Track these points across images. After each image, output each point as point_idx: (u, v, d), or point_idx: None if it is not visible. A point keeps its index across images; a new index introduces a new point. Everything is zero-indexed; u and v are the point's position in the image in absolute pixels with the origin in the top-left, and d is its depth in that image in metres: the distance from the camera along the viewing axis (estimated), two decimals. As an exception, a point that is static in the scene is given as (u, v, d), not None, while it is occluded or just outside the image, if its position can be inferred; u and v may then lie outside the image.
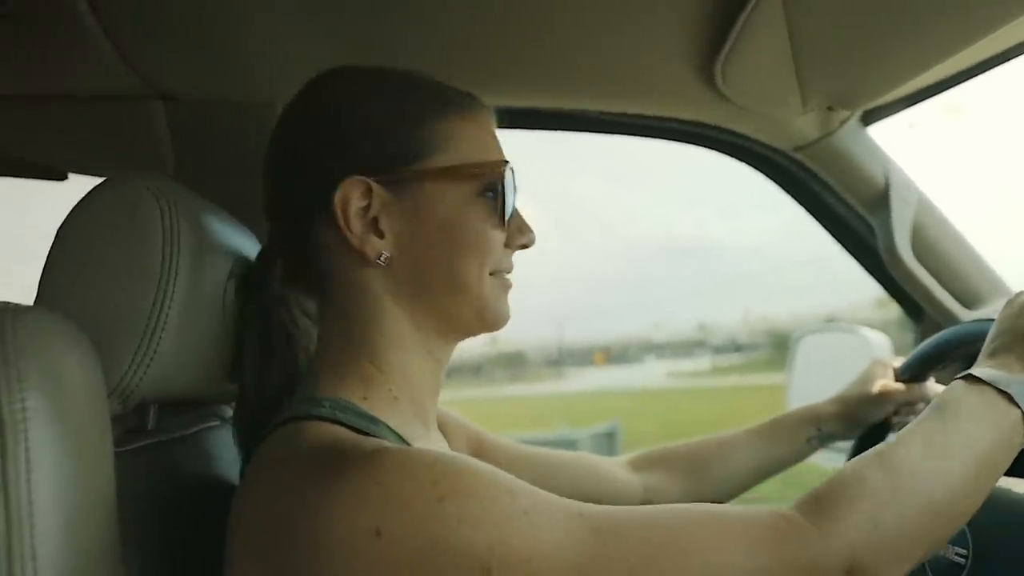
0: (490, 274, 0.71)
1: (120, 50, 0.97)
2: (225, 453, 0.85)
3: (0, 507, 0.46)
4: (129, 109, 1.07)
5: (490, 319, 0.72)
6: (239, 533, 0.58)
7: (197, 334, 0.72)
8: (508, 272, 0.75)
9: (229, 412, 0.96)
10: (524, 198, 0.73)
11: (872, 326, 1.43)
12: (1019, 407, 0.66)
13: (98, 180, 0.70)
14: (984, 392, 0.68)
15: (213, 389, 0.81)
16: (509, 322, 0.75)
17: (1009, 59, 1.08)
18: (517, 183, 0.73)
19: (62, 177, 1.16)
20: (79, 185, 1.22)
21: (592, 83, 1.10)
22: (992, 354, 0.74)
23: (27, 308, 0.53)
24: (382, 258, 0.67)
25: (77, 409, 0.53)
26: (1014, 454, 0.66)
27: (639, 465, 1.06)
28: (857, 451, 1.10)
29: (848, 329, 1.57)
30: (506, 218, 0.71)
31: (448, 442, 0.88)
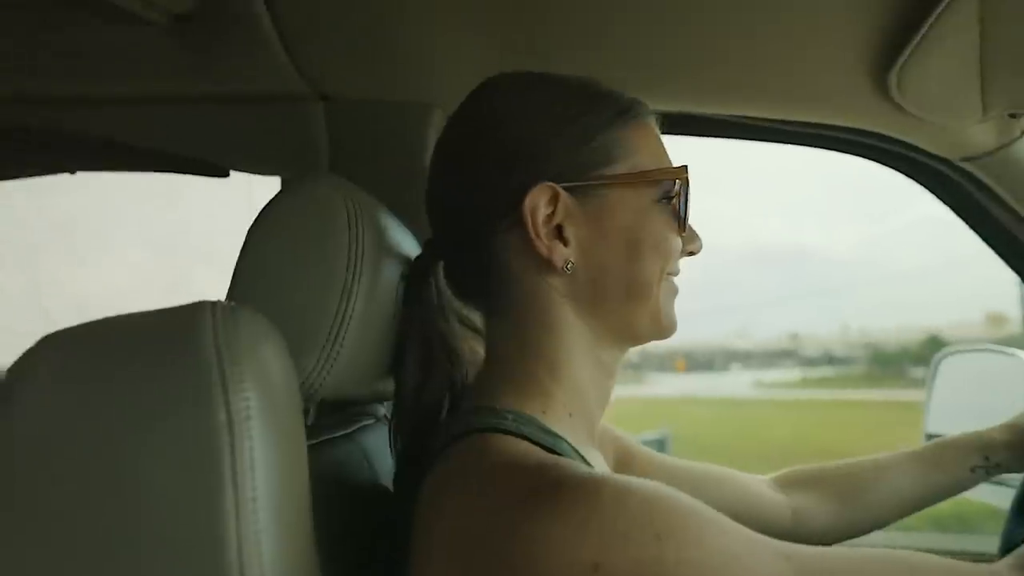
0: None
1: (290, 52, 1.00)
2: (382, 450, 0.86)
3: (231, 502, 0.48)
4: (292, 110, 1.10)
5: (664, 324, 0.72)
6: (436, 540, 0.58)
7: (374, 336, 0.73)
8: (677, 276, 0.74)
9: (381, 410, 0.97)
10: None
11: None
12: None
13: (254, 177, 0.71)
14: None
15: (376, 389, 0.83)
16: None
17: None
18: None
19: (224, 174, 1.21)
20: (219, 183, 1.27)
21: (757, 88, 1.06)
22: None
23: (237, 308, 0.55)
24: (568, 266, 0.67)
25: (283, 407, 0.55)
26: None
27: (787, 484, 1.02)
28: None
29: (998, 350, 1.47)
30: (684, 223, 0.71)
31: (605, 454, 0.87)
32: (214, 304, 0.53)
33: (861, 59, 0.97)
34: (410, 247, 0.84)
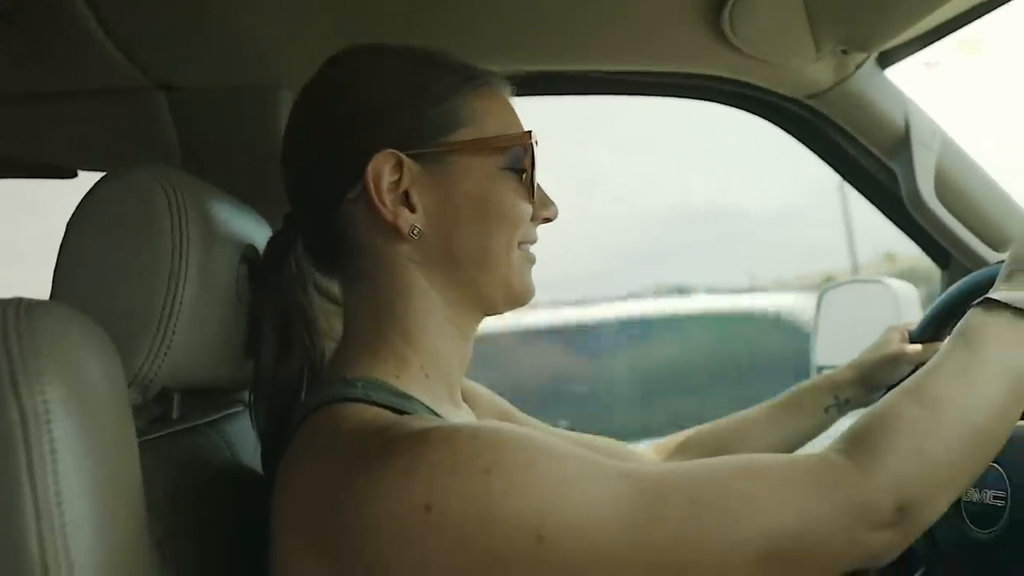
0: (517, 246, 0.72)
1: (118, 43, 0.96)
2: (250, 437, 0.85)
3: (29, 499, 0.47)
4: (131, 102, 1.06)
5: (517, 292, 0.73)
6: (285, 517, 0.58)
7: (212, 321, 0.72)
8: (532, 244, 0.75)
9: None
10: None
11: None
12: None
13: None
14: (1004, 314, 0.66)
15: (233, 375, 0.82)
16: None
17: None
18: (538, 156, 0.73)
19: (71, 175, 1.16)
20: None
21: (596, 42, 1.08)
22: (1008, 278, 0.71)
23: (39, 302, 0.53)
24: (414, 231, 0.67)
25: (97, 400, 0.53)
26: None
27: (665, 452, 1.06)
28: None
29: (872, 280, 1.54)
30: (533, 190, 0.71)
31: (476, 414, 0.88)
32: (7, 302, 0.52)
33: (694, 5, 0.99)
34: (254, 230, 0.83)
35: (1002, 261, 0.77)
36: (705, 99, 1.26)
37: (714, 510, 0.54)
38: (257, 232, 0.84)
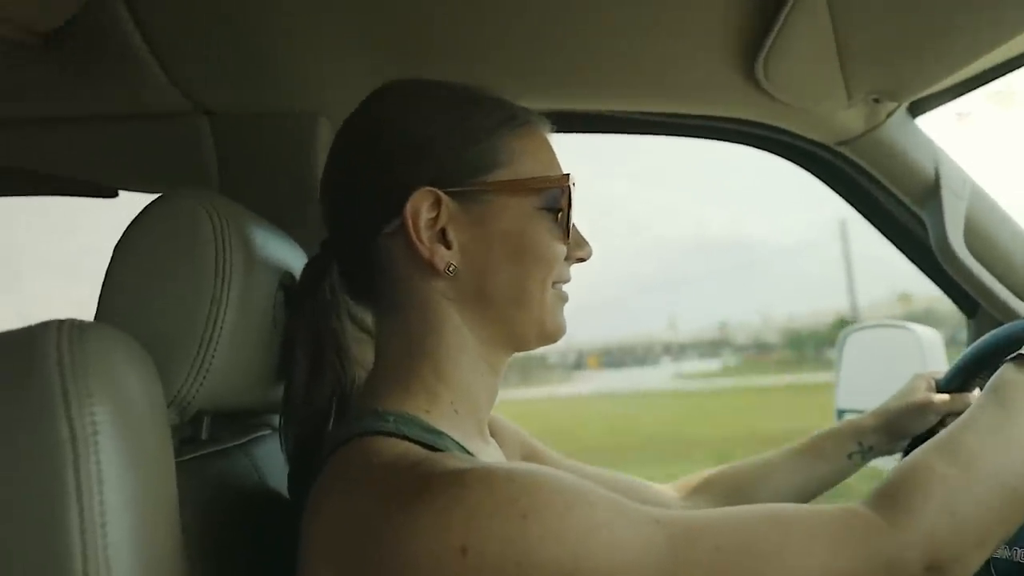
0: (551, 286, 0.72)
1: (164, 68, 0.99)
2: (277, 461, 0.86)
3: (75, 517, 0.48)
4: (174, 126, 1.09)
5: (549, 331, 0.73)
6: (316, 546, 0.59)
7: (249, 345, 0.73)
8: (566, 284, 0.76)
9: (278, 421, 0.97)
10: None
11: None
12: None
13: (149, 197, 0.71)
14: None
15: (265, 399, 0.83)
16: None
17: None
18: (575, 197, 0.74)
19: (113, 195, 1.19)
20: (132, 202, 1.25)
21: (632, 84, 1.09)
22: None
23: (88, 324, 0.55)
24: (450, 268, 0.68)
25: (140, 421, 0.55)
26: None
27: (685, 490, 1.06)
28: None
29: (897, 325, 1.53)
30: (568, 232, 0.72)
31: (502, 449, 0.88)
32: (61, 322, 0.53)
33: (728, 51, 1.01)
34: (290, 256, 0.85)
35: None
36: (736, 142, 1.27)
37: (741, 558, 0.54)
38: (293, 259, 0.85)
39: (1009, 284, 1.24)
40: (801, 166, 1.31)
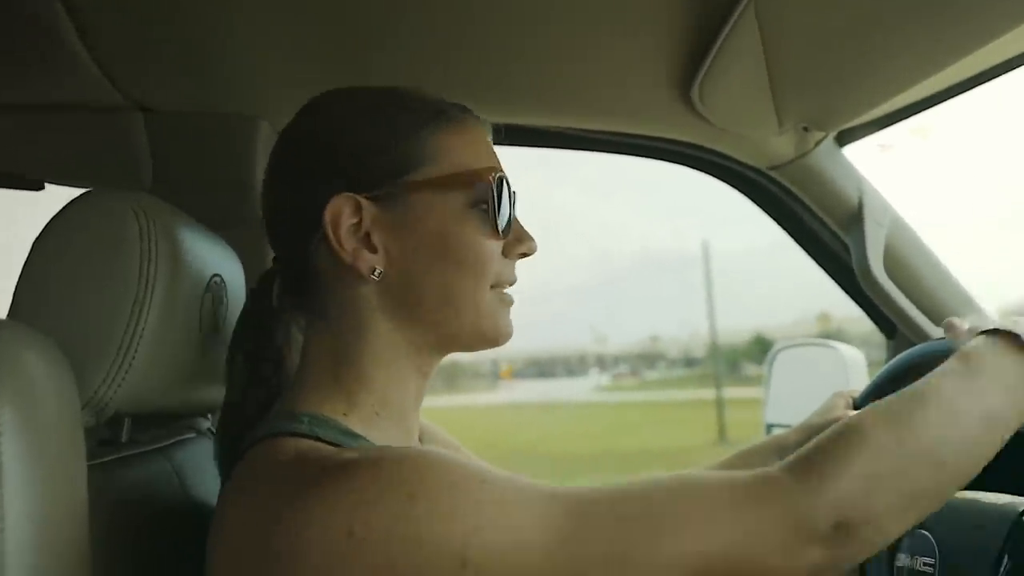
0: (491, 287, 0.70)
1: (99, 61, 0.97)
2: (200, 465, 0.85)
3: None
4: (107, 120, 1.06)
5: (490, 336, 0.71)
6: (218, 553, 0.58)
7: (172, 348, 0.72)
8: (509, 284, 0.73)
9: (204, 424, 0.95)
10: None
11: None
12: None
13: (76, 191, 0.70)
14: (1008, 345, 0.65)
15: (189, 401, 0.81)
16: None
17: (978, 84, 1.11)
18: (514, 190, 0.72)
19: (39, 187, 1.15)
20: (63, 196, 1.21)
21: (572, 102, 1.12)
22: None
23: None
24: (376, 273, 0.67)
25: (49, 421, 0.53)
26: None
27: None
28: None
29: (823, 344, 1.59)
30: (500, 227, 0.69)
31: None
32: None
33: (666, 75, 1.04)
34: (221, 259, 0.84)
35: (943, 338, 0.80)
36: (673, 161, 1.30)
37: (642, 527, 0.54)
38: (224, 260, 0.84)
39: (923, 308, 1.30)
40: (735, 187, 1.36)
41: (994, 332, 0.67)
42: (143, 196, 0.71)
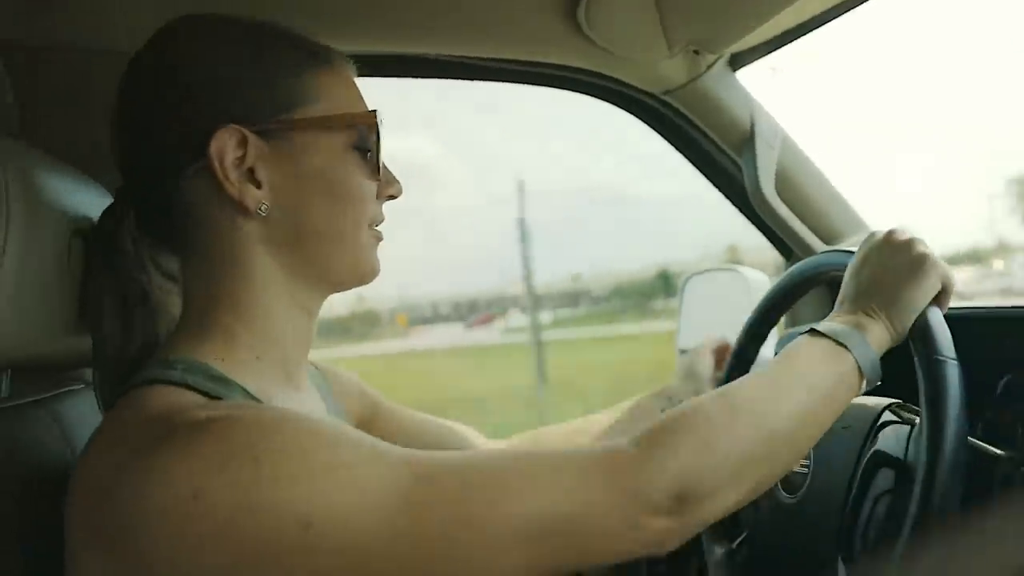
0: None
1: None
2: (85, 417, 0.83)
3: None
4: None
5: (364, 271, 0.73)
6: (71, 510, 0.57)
7: (39, 295, 0.69)
8: (379, 223, 0.75)
9: (91, 375, 0.93)
10: (435, 144, 0.72)
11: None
12: (853, 354, 0.71)
13: None
14: (824, 343, 0.72)
15: (67, 351, 0.79)
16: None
17: (858, 4, 1.14)
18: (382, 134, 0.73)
19: None
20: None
21: (448, 25, 1.09)
22: (841, 303, 0.79)
23: None
24: (261, 208, 0.66)
25: None
26: (852, 396, 0.71)
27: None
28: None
29: (729, 269, 1.64)
30: (378, 169, 0.71)
31: (341, 400, 0.88)
32: None
33: None
34: (90, 201, 0.80)
35: (831, 250, 0.83)
36: (563, 88, 1.29)
37: (485, 492, 0.55)
38: (96, 204, 0.81)
39: (814, 228, 1.35)
40: (632, 113, 1.36)
41: (810, 332, 0.73)
42: None
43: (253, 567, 0.51)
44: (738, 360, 1.11)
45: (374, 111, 0.72)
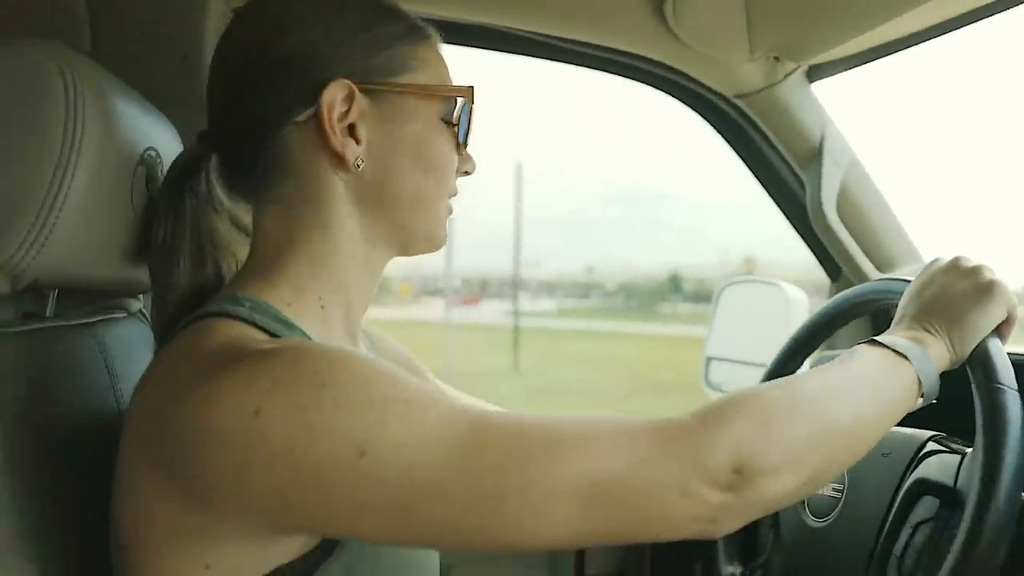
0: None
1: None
2: (128, 345, 0.83)
3: None
4: None
5: (436, 239, 0.75)
6: (131, 425, 0.58)
7: (100, 219, 0.69)
8: (454, 196, 0.77)
9: (136, 305, 0.93)
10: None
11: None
12: (915, 367, 0.69)
13: None
14: (885, 352, 0.70)
15: (118, 280, 0.79)
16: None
17: (952, 29, 1.10)
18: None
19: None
20: None
21: (541, 4, 1.07)
22: (899, 321, 0.77)
23: None
24: (358, 163, 0.68)
25: None
26: (908, 408, 0.69)
27: None
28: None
29: (769, 282, 1.62)
30: (464, 144, 0.74)
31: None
32: None
33: None
34: (159, 133, 0.80)
35: (890, 278, 0.81)
36: (637, 79, 1.28)
37: (542, 444, 0.55)
38: (162, 136, 0.81)
39: (869, 253, 1.32)
40: (699, 113, 1.34)
41: (869, 342, 0.72)
42: (70, 53, 0.67)
43: (305, 491, 0.52)
44: (777, 374, 1.10)
45: (471, 86, 0.74)
